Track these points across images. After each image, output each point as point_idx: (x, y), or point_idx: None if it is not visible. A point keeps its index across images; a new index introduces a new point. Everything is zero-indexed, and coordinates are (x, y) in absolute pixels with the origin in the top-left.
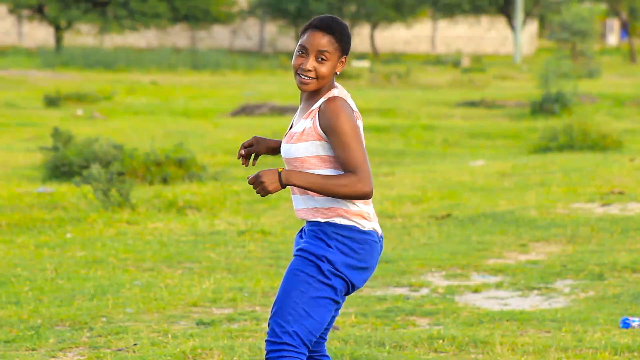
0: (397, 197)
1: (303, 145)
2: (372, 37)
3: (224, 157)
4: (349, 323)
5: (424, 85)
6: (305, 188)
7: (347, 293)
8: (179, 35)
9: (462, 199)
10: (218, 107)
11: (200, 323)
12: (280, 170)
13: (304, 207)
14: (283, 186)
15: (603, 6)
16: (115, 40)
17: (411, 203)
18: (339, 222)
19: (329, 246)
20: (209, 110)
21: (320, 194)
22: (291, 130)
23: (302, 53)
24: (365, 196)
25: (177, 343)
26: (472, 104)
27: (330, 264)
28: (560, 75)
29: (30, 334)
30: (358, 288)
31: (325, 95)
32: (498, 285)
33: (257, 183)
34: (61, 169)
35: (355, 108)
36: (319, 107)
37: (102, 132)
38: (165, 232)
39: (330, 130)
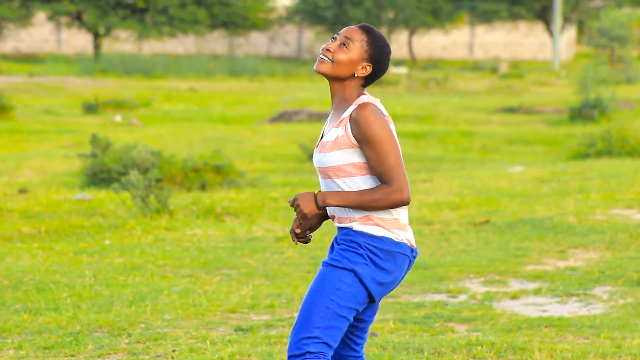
0: (435, 203)
1: (336, 154)
2: (409, 44)
3: (262, 163)
4: (388, 329)
5: (462, 91)
6: (341, 207)
7: (366, 305)
8: (216, 42)
9: (500, 205)
10: (256, 113)
11: (238, 329)
12: (316, 192)
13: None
14: (319, 208)
15: None
16: (153, 47)
17: (449, 209)
18: (372, 233)
19: (359, 257)
20: (247, 117)
21: (358, 209)
22: (323, 139)
23: (333, 39)
24: (402, 204)
25: (215, 349)
26: (510, 110)
27: (357, 277)
28: (599, 81)
29: (69, 340)
30: (377, 301)
31: (355, 103)
32: (536, 292)
33: (295, 206)
34: (99, 176)
35: (386, 113)
36: (350, 115)
37: (141, 139)
38: (203, 239)
39: (363, 140)
